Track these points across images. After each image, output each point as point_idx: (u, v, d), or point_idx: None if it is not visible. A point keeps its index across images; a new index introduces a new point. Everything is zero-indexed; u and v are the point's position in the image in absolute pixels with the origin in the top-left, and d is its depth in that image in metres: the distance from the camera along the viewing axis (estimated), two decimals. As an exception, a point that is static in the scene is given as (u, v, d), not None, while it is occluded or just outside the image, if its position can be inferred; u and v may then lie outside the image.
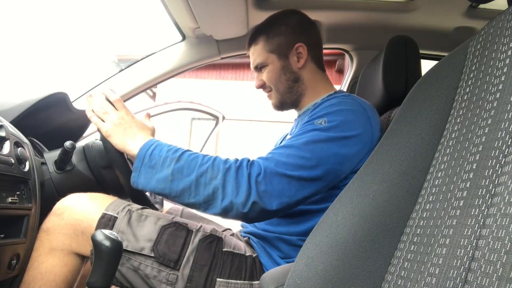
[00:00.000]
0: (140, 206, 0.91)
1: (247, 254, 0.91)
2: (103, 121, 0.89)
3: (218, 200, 0.78)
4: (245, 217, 0.80)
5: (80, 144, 1.05)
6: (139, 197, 0.97)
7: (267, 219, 0.86)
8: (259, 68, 1.07)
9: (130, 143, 0.86)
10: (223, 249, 0.88)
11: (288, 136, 1.07)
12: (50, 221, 0.85)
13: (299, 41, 1.03)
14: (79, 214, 0.84)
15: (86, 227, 0.84)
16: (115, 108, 0.90)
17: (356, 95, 0.98)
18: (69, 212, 0.84)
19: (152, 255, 0.83)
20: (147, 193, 1.04)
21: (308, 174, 0.80)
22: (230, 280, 0.85)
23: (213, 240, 0.88)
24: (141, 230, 0.85)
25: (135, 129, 0.88)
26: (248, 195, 0.77)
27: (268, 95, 1.11)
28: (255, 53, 1.06)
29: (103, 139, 0.92)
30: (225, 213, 0.79)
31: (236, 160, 0.82)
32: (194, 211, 1.29)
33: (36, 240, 0.84)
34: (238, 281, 0.86)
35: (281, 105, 1.10)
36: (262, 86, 1.09)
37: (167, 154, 0.82)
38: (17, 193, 0.79)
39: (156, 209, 1.01)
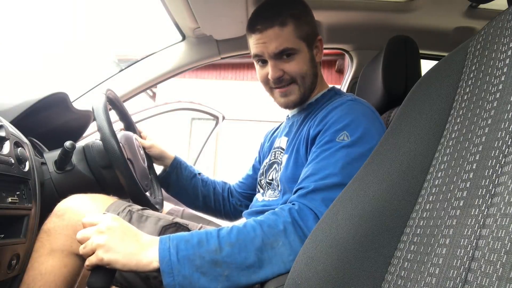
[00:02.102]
0: (140, 207, 0.91)
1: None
2: (94, 248, 0.66)
3: (285, 255, 0.70)
4: None
5: (80, 144, 1.05)
6: (140, 198, 0.97)
7: None
8: (284, 54, 0.92)
9: (138, 250, 0.67)
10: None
11: (284, 139, 1.02)
12: (51, 222, 0.85)
13: (318, 34, 0.99)
14: (80, 215, 0.84)
15: (86, 228, 0.83)
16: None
17: (357, 96, 0.96)
18: (70, 213, 0.84)
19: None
20: (147, 193, 1.04)
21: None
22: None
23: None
24: (141, 231, 0.85)
25: (131, 229, 0.70)
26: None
27: (285, 90, 0.95)
28: (282, 36, 0.90)
29: (103, 139, 0.91)
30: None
31: (285, 217, 0.72)
32: (194, 212, 1.29)
33: (37, 241, 0.84)
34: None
35: (300, 101, 0.98)
36: (280, 77, 0.93)
37: (199, 250, 0.67)
38: (17, 193, 0.79)
39: (157, 209, 1.01)
